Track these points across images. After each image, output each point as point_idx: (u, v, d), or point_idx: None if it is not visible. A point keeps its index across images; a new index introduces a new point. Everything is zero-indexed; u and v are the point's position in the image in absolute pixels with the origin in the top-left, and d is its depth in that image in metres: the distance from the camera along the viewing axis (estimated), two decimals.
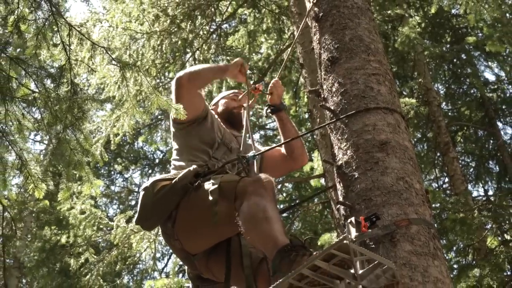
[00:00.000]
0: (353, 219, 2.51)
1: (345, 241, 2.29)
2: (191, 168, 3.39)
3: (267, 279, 3.20)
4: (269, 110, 4.01)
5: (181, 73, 3.75)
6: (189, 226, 3.29)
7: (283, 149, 4.01)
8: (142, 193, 3.40)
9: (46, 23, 4.26)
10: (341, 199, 2.93)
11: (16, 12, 4.25)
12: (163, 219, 3.34)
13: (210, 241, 3.34)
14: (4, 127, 4.62)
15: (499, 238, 9.79)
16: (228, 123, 3.95)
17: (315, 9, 3.57)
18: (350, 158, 2.93)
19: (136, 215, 3.43)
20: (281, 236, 2.71)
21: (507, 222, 9.48)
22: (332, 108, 3.17)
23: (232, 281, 3.33)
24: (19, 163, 4.76)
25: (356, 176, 2.86)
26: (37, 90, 4.49)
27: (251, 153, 3.47)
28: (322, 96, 3.31)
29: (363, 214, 2.66)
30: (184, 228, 3.30)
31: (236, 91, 4.31)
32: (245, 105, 3.93)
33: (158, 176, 3.48)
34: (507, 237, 9.50)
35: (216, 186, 3.16)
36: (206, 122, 3.73)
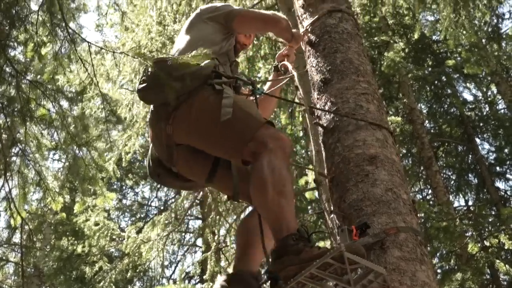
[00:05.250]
0: (345, 228, 2.47)
1: (339, 251, 2.24)
2: (214, 59, 3.00)
3: (247, 194, 2.83)
4: (275, 68, 3.74)
5: (237, 11, 3.37)
6: (192, 119, 2.89)
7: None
8: (156, 64, 2.95)
9: (63, 48, 4.25)
10: (334, 209, 2.89)
11: (35, 38, 4.23)
12: (171, 99, 2.89)
13: (200, 144, 2.96)
14: (24, 145, 4.60)
15: (479, 245, 9.74)
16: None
17: (309, 34, 3.55)
18: (342, 171, 2.89)
19: (143, 85, 2.98)
20: (293, 220, 2.51)
21: (486, 229, 9.43)
22: (325, 125, 3.14)
23: (217, 180, 3.08)
24: (38, 179, 4.75)
25: (348, 187, 2.82)
26: (54, 111, 4.49)
27: (260, 87, 3.28)
28: (316, 114, 3.27)
29: (355, 223, 2.62)
30: (185, 117, 2.90)
31: None
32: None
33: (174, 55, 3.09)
34: (487, 243, 9.45)
35: (231, 101, 2.84)
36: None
